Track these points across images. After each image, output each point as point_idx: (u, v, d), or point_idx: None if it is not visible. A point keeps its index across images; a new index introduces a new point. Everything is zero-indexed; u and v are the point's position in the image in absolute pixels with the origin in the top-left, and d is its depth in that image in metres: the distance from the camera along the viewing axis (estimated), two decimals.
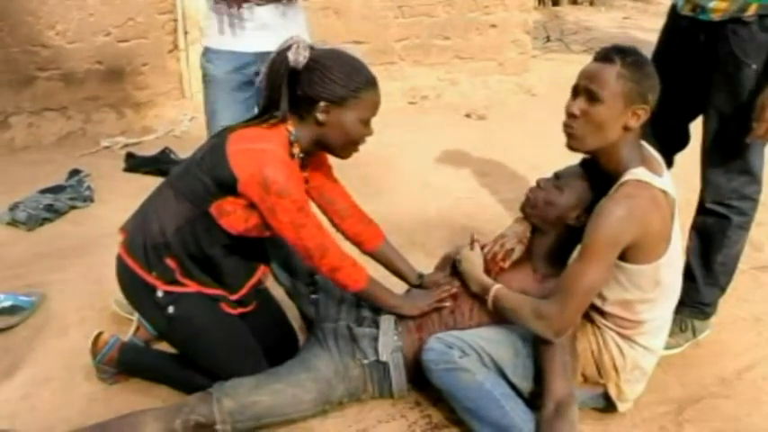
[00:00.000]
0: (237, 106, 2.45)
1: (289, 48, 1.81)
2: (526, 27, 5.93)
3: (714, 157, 2.21)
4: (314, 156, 2.00)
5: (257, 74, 2.39)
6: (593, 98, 1.79)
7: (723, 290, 2.38)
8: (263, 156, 1.77)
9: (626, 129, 1.80)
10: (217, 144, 1.84)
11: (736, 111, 2.10)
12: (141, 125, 4.81)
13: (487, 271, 2.07)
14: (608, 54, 1.80)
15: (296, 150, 1.87)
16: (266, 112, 1.88)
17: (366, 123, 1.89)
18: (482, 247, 2.14)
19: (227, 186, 1.78)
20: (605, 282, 1.82)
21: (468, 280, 2.05)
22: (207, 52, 2.52)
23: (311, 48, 1.83)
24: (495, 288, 1.95)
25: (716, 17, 2.09)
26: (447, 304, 2.06)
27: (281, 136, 1.85)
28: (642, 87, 1.78)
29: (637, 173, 1.79)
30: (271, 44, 2.42)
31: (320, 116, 1.83)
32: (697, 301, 2.34)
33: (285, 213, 1.79)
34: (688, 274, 2.25)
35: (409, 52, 5.61)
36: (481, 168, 4.09)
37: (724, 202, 2.24)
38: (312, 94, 1.82)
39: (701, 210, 2.29)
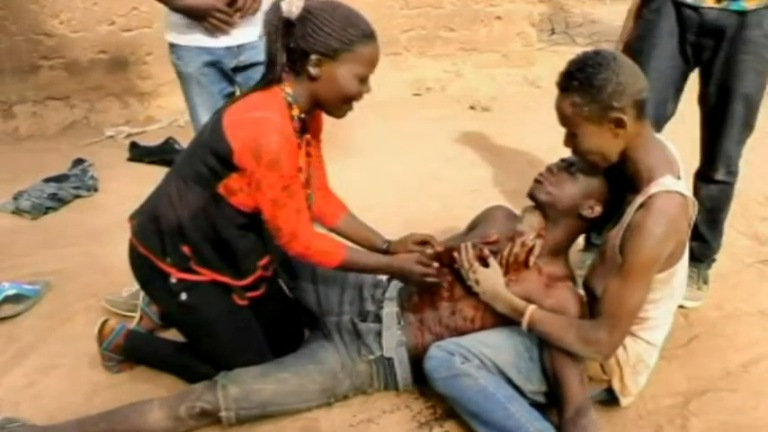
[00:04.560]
0: (216, 100, 2.39)
1: None
2: (531, 19, 5.90)
3: (733, 131, 2.39)
4: (314, 116, 1.94)
5: (234, 69, 2.37)
6: (570, 134, 1.83)
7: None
8: (259, 124, 1.71)
9: (617, 136, 1.77)
10: (216, 120, 1.80)
11: (761, 86, 2.36)
12: (145, 115, 4.80)
13: (506, 269, 1.99)
14: (561, 82, 1.79)
15: (295, 112, 1.80)
16: (269, 72, 1.80)
17: (362, 80, 1.79)
18: (490, 247, 2.03)
19: (226, 160, 1.74)
20: (647, 297, 1.80)
21: (493, 300, 1.93)
22: (175, 49, 2.44)
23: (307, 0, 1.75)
24: (531, 310, 1.86)
25: (750, 6, 2.26)
26: (435, 277, 1.98)
27: (277, 99, 1.78)
28: (601, 101, 1.73)
29: (665, 183, 1.75)
30: (243, 37, 2.37)
31: (312, 70, 1.74)
32: (710, 256, 2.63)
33: (270, 189, 1.74)
34: (698, 237, 2.44)
35: (414, 43, 5.59)
36: (485, 160, 4.07)
37: (731, 170, 2.46)
38: (305, 47, 1.73)
39: (709, 180, 2.47)
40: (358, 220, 2.18)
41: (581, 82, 1.74)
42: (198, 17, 2.33)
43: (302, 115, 1.83)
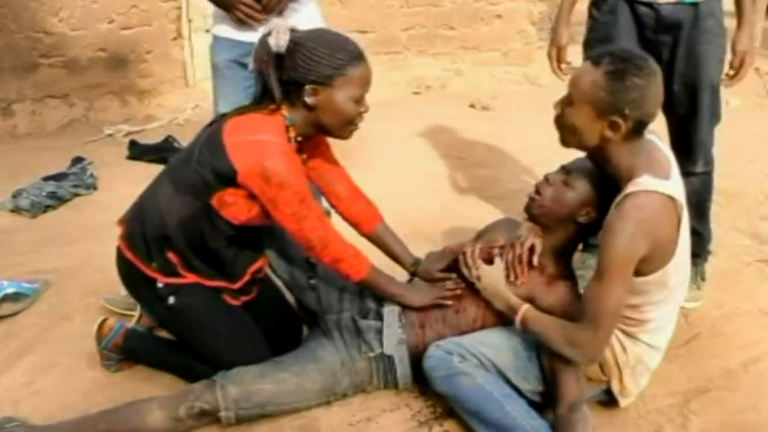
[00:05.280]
0: (240, 96, 2.41)
1: (269, 34, 1.77)
2: (531, 18, 5.91)
3: (705, 122, 2.42)
4: (313, 139, 1.96)
5: None
6: (568, 100, 1.79)
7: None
8: (263, 147, 1.74)
9: (605, 138, 1.75)
10: (213, 135, 1.81)
11: (720, 73, 2.41)
12: (144, 113, 4.80)
13: (514, 273, 1.99)
14: (598, 57, 1.75)
15: (292, 134, 1.84)
16: (262, 101, 1.85)
17: (358, 100, 1.82)
18: (497, 252, 2.04)
19: (227, 178, 1.76)
20: (627, 296, 1.79)
21: (492, 297, 1.95)
22: (213, 39, 2.52)
23: (292, 31, 1.78)
24: (525, 309, 1.87)
25: None
26: (449, 303, 2.02)
27: (276, 122, 1.81)
28: (616, 99, 1.70)
29: (641, 182, 1.73)
30: None
31: (309, 100, 1.78)
32: (705, 248, 2.61)
33: (287, 205, 1.77)
34: (693, 232, 2.36)
35: (414, 42, 5.59)
36: (485, 159, 4.07)
37: (708, 159, 2.47)
38: (297, 78, 1.77)
39: (689, 174, 2.37)
40: (393, 233, 2.19)
41: (616, 71, 1.70)
42: (224, 7, 2.37)
43: (299, 138, 1.86)
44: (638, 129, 1.77)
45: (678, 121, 2.44)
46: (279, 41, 1.75)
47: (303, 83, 1.77)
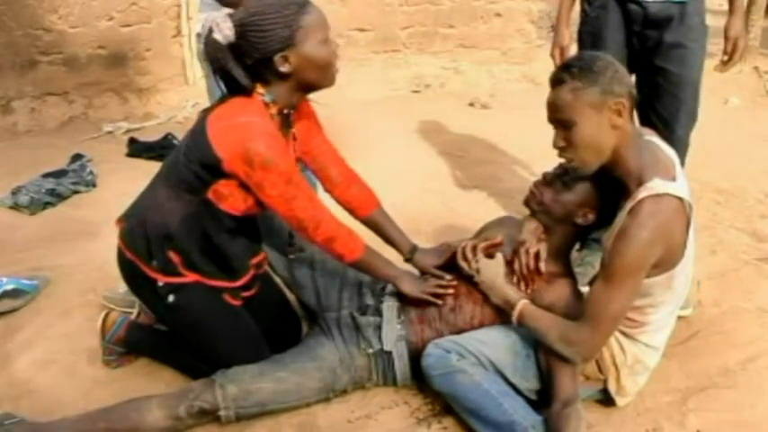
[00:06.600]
0: None
1: (211, 31, 1.75)
2: (531, 16, 5.91)
3: (685, 121, 2.46)
4: (299, 108, 1.94)
5: None
6: (565, 125, 1.77)
7: None
8: (243, 129, 1.72)
9: (615, 127, 1.75)
10: (197, 129, 1.81)
11: (701, 72, 2.48)
12: (144, 111, 4.80)
13: (524, 282, 1.99)
14: (556, 76, 1.77)
15: (273, 111, 1.82)
16: (233, 94, 1.82)
17: (326, 42, 1.79)
18: (495, 250, 2.04)
19: (215, 169, 1.75)
20: (633, 301, 1.78)
21: (489, 291, 1.96)
22: (202, 29, 2.46)
23: (230, 16, 1.76)
24: (522, 304, 1.88)
25: None
26: (439, 302, 2.02)
27: (255, 102, 1.79)
28: (602, 85, 1.71)
29: (653, 186, 1.72)
30: None
31: (283, 68, 1.75)
32: None
33: (273, 187, 1.75)
34: None
35: (414, 40, 5.59)
36: (484, 157, 4.08)
37: (684, 160, 2.43)
38: (261, 56, 1.74)
39: None
40: (390, 218, 2.18)
41: (581, 68, 1.73)
42: (231, 4, 2.33)
43: (284, 111, 1.85)
44: (632, 105, 1.79)
45: (656, 115, 2.47)
46: (224, 32, 1.73)
47: (270, 56, 1.74)
